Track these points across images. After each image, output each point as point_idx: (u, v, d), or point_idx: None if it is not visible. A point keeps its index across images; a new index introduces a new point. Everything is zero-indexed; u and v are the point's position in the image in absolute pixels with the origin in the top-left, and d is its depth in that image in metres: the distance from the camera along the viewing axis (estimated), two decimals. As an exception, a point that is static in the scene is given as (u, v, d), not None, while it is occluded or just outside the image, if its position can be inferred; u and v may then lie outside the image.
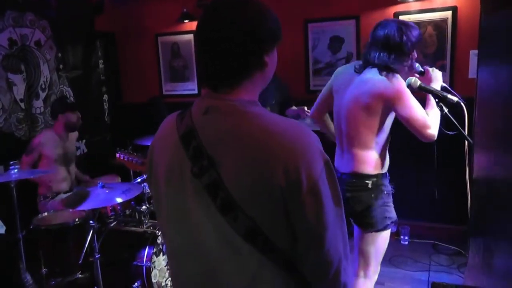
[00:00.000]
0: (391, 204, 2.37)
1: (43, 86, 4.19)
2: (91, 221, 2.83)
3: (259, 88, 1.12)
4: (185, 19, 4.67)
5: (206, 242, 1.05)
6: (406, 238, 4.12)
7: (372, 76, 2.20)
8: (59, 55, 4.40)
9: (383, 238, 2.35)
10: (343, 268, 1.07)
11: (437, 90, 2.29)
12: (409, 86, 2.30)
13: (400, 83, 2.18)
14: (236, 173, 0.99)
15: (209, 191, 1.01)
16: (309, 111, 2.92)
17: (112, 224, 3.21)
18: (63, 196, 3.54)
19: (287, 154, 0.97)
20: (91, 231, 2.83)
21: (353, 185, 2.31)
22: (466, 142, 2.29)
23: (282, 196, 0.97)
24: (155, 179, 1.17)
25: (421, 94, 2.31)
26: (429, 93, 2.30)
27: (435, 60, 3.93)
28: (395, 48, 2.16)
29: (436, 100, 2.29)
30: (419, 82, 2.29)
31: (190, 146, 1.05)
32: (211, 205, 1.01)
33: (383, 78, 2.17)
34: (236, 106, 1.04)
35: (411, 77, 2.31)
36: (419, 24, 3.92)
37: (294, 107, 3.78)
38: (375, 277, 2.44)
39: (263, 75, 1.09)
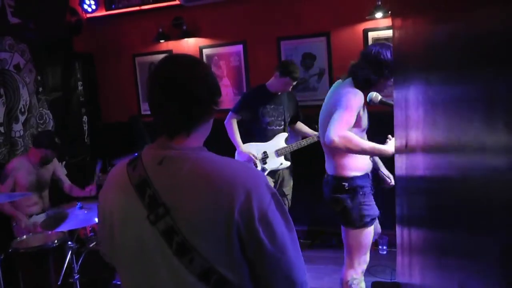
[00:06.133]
0: (370, 203, 2.55)
1: (23, 110, 4.23)
2: (69, 242, 2.86)
3: (206, 135, 1.26)
4: (161, 39, 4.76)
5: (161, 285, 1.13)
6: (385, 248, 4.20)
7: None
8: (39, 78, 4.44)
9: (363, 234, 2.55)
10: (306, 284, 1.17)
11: (397, 104, 2.40)
12: (371, 100, 2.41)
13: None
14: (191, 217, 1.08)
15: (165, 237, 1.09)
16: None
17: (91, 245, 3.24)
18: (36, 217, 3.51)
19: (239, 191, 1.08)
20: (70, 252, 2.85)
21: (334, 187, 2.55)
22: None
23: (238, 230, 1.07)
24: (110, 227, 1.23)
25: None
26: (390, 106, 2.40)
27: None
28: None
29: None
30: (380, 97, 2.41)
31: (146, 195, 1.13)
32: (167, 249, 1.09)
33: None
34: (189, 154, 1.15)
35: (372, 92, 2.42)
36: (387, 40, 4.06)
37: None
38: (362, 267, 2.66)
39: (209, 124, 1.25)
